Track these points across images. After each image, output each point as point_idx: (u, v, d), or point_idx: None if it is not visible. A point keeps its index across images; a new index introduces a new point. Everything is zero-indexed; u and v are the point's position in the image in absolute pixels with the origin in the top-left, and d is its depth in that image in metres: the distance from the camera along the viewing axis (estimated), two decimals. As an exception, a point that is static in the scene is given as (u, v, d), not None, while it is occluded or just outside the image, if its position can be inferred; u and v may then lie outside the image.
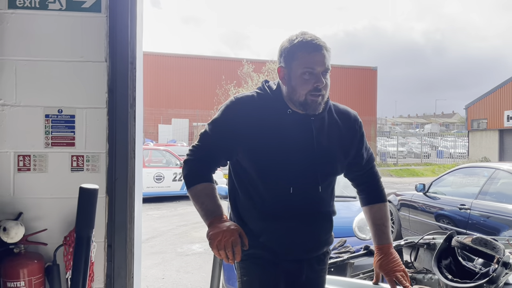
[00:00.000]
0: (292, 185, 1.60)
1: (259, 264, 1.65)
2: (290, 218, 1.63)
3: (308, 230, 1.67)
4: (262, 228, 1.64)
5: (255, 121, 1.61)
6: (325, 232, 1.73)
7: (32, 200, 1.99)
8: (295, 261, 1.68)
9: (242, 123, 1.60)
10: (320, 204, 1.69)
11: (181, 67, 25.65)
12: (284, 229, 1.63)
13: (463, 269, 2.12)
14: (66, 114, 2.02)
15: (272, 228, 1.63)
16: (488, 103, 26.09)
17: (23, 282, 1.83)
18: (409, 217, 6.51)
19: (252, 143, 1.59)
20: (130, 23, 2.05)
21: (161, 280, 4.99)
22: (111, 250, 2.06)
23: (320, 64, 1.56)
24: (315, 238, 1.70)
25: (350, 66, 28.07)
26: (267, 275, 1.64)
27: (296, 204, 1.62)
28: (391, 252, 1.78)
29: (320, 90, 1.56)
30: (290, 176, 1.60)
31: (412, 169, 22.19)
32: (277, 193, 1.62)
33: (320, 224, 1.70)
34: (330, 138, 1.66)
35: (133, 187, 2.08)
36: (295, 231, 1.64)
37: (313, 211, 1.67)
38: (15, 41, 1.98)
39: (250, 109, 1.63)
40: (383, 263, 1.77)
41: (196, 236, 7.17)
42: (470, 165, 6.52)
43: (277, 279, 1.65)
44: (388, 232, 1.80)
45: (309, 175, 1.62)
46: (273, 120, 1.61)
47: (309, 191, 1.64)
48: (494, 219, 4.92)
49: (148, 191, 10.80)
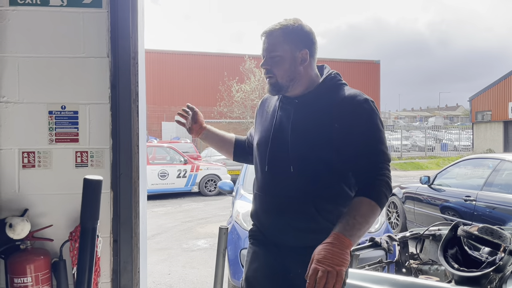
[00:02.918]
0: (267, 164, 1.69)
1: (252, 243, 1.82)
2: (264, 196, 1.72)
3: (276, 211, 1.67)
4: (253, 206, 1.81)
5: (261, 110, 1.88)
6: (297, 220, 1.61)
7: (37, 196, 2.00)
8: (280, 247, 1.69)
9: (256, 114, 1.91)
10: (291, 187, 1.61)
11: (183, 64, 25.64)
12: (261, 207, 1.75)
13: (469, 258, 2.11)
14: (69, 110, 2.02)
15: (255, 207, 1.79)
16: (492, 95, 25.93)
17: (30, 278, 1.84)
18: (414, 209, 6.49)
19: (255, 129, 1.88)
20: (131, 18, 2.05)
21: (167, 275, 5.01)
22: (116, 245, 2.06)
23: (264, 48, 1.67)
24: (284, 222, 1.64)
25: (353, 60, 27.99)
26: (251, 251, 1.79)
27: (272, 184, 1.68)
28: (327, 241, 1.39)
29: (268, 72, 1.67)
30: (267, 155, 1.69)
31: (417, 162, 22.13)
32: (259, 173, 1.76)
33: (289, 208, 1.62)
34: (312, 121, 1.59)
35: (137, 182, 2.09)
36: (267, 209, 1.72)
37: (283, 193, 1.64)
38: (17, 38, 1.98)
39: (262, 102, 1.91)
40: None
41: (201, 232, 7.19)
42: (474, 156, 6.49)
43: (266, 254, 1.73)
44: (346, 223, 1.42)
45: (282, 155, 1.64)
46: (269, 107, 1.82)
47: (281, 172, 1.64)
48: (500, 210, 4.90)
49: (153, 188, 10.84)
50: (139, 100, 2.09)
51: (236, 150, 2.05)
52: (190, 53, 26.99)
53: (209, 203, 10.34)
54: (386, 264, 2.66)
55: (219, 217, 8.31)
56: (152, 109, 21.78)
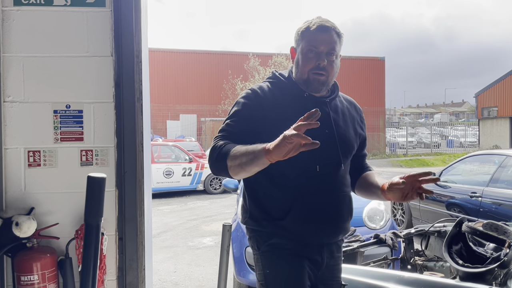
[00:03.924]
0: (318, 163, 1.63)
1: (282, 255, 1.62)
2: (317, 196, 1.63)
3: (333, 210, 1.67)
4: (287, 209, 1.61)
5: (276, 104, 1.63)
6: (347, 214, 1.73)
7: (43, 195, 2.01)
8: (316, 247, 1.67)
9: (264, 108, 1.62)
10: (344, 183, 1.73)
11: (187, 62, 25.66)
12: (311, 208, 1.62)
13: (474, 254, 2.10)
14: (74, 109, 2.03)
15: (298, 208, 1.61)
16: (498, 91, 25.74)
17: (37, 275, 1.86)
18: (420, 206, 6.47)
19: (275, 126, 1.50)
20: (134, 17, 2.06)
21: (173, 273, 5.03)
22: (122, 243, 2.08)
23: (324, 43, 1.61)
24: (339, 219, 1.69)
25: (358, 57, 27.86)
26: (291, 267, 1.62)
27: (324, 182, 1.65)
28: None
29: (322, 69, 1.61)
30: (315, 155, 1.60)
31: (422, 159, 22.03)
32: (305, 172, 1.62)
33: (344, 204, 1.71)
34: (344, 119, 1.75)
35: (142, 180, 2.10)
36: (321, 210, 1.64)
37: (339, 189, 1.70)
38: (21, 38, 1.99)
39: (269, 94, 1.67)
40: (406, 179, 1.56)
41: (207, 230, 7.21)
42: (480, 152, 6.45)
43: (302, 271, 1.62)
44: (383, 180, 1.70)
45: (333, 153, 1.67)
46: (292, 103, 1.64)
47: (334, 169, 1.68)
48: (506, 206, 4.88)
49: (158, 186, 10.87)
50: (143, 99, 2.10)
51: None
52: (194, 51, 27.01)
53: (214, 201, 10.36)
54: (391, 260, 2.66)
55: (224, 215, 8.32)
56: (157, 108, 21.82)
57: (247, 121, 1.61)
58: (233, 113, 1.65)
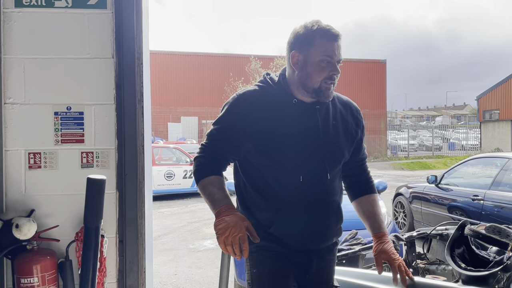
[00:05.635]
0: (301, 173, 1.60)
1: (268, 256, 1.64)
2: (302, 207, 1.62)
3: (319, 220, 1.66)
4: (272, 219, 1.62)
5: (261, 113, 1.61)
6: (336, 222, 1.72)
7: (44, 197, 2.01)
8: (305, 252, 1.67)
9: (247, 117, 1.61)
10: (330, 192, 1.68)
11: (188, 65, 25.70)
12: (295, 219, 1.62)
13: (477, 258, 2.09)
14: (74, 111, 2.03)
15: (282, 219, 1.62)
16: (500, 93, 25.72)
17: (37, 278, 1.85)
18: (421, 209, 6.45)
19: (259, 135, 1.59)
20: (136, 19, 2.06)
21: (173, 276, 5.01)
22: (122, 245, 2.07)
23: (336, 52, 1.61)
24: (326, 228, 1.69)
25: (359, 59, 27.87)
26: (277, 266, 1.63)
27: (307, 193, 1.62)
28: (388, 240, 1.79)
29: (334, 78, 1.62)
30: (299, 165, 1.61)
31: (424, 162, 21.99)
32: (287, 183, 1.61)
33: (331, 213, 1.69)
34: (335, 126, 1.69)
35: (142, 182, 2.09)
36: (306, 221, 1.63)
37: (324, 199, 1.66)
38: (22, 40, 1.99)
39: (255, 102, 1.64)
40: (384, 250, 1.76)
41: (208, 233, 7.19)
42: (482, 155, 6.43)
43: (287, 271, 1.64)
44: (383, 221, 1.82)
45: (318, 163, 1.63)
46: (278, 111, 1.62)
47: (319, 179, 1.64)
48: (508, 209, 4.86)
49: (159, 188, 10.86)
50: (144, 101, 2.09)
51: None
52: (195, 54, 27.05)
53: (215, 204, 10.33)
54: (392, 264, 2.64)
55: (225, 217, 8.28)
56: (158, 110, 21.85)
57: (227, 130, 1.64)
58: (218, 119, 1.68)
